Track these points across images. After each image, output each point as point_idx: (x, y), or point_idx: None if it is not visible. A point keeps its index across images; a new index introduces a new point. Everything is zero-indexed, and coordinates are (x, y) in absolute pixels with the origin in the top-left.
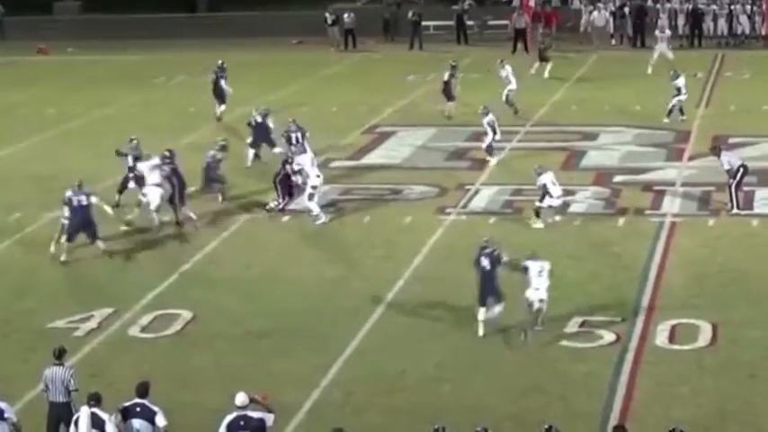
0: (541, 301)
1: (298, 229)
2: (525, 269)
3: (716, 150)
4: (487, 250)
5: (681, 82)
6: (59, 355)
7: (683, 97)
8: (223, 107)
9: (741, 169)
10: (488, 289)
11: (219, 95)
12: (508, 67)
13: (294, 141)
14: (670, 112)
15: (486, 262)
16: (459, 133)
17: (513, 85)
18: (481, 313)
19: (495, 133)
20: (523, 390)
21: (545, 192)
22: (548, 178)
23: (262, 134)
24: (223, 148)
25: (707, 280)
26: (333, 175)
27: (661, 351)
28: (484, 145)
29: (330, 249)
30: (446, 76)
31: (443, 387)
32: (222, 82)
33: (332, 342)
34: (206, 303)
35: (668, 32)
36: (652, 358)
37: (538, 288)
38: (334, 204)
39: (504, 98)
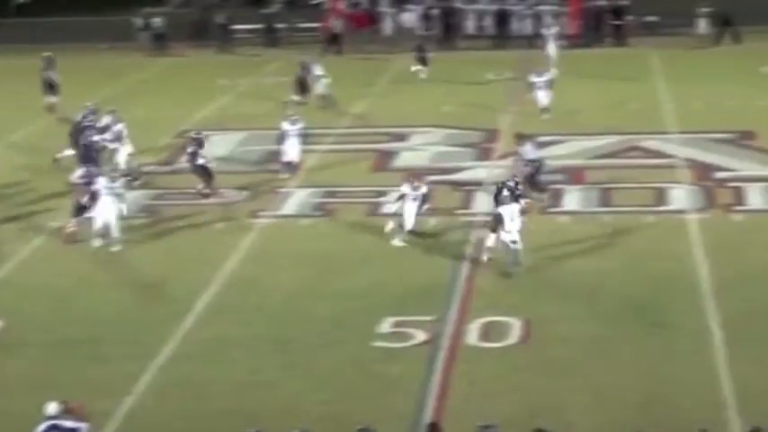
0: (514, 242)
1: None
2: (499, 217)
3: (521, 140)
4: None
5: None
6: None
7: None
8: (54, 98)
9: (538, 164)
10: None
11: (50, 87)
12: (317, 66)
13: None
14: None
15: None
16: (270, 137)
17: (323, 82)
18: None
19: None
20: (337, 391)
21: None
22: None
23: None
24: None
25: (518, 277)
26: (145, 180)
27: (473, 349)
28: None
29: (143, 255)
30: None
31: (257, 391)
32: (51, 74)
33: (144, 349)
34: (16, 311)
35: (556, 29)
36: (464, 357)
37: (509, 231)
38: (147, 209)
39: (321, 96)
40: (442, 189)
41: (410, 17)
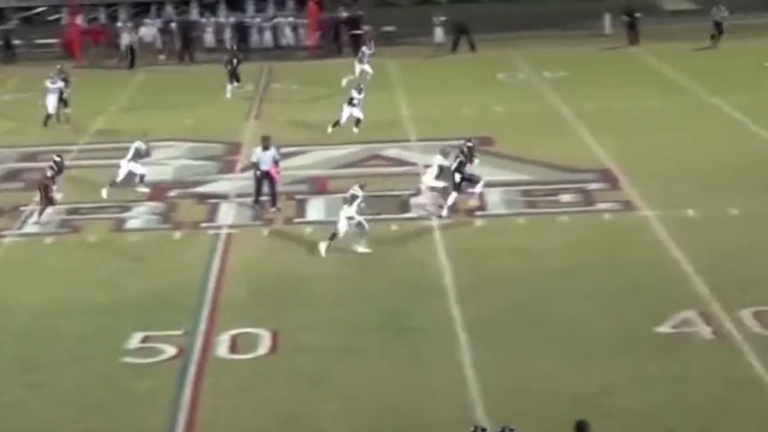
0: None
1: None
2: (353, 197)
3: (265, 141)
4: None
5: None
6: None
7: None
8: None
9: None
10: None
11: None
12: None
13: None
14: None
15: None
16: (11, 155)
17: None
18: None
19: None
20: (86, 408)
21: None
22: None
23: None
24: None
25: (265, 288)
26: None
27: (223, 362)
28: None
29: None
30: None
31: (3, 412)
32: None
33: None
34: None
35: (372, 50)
36: (214, 369)
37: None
38: None
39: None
40: (186, 203)
41: (148, 31)
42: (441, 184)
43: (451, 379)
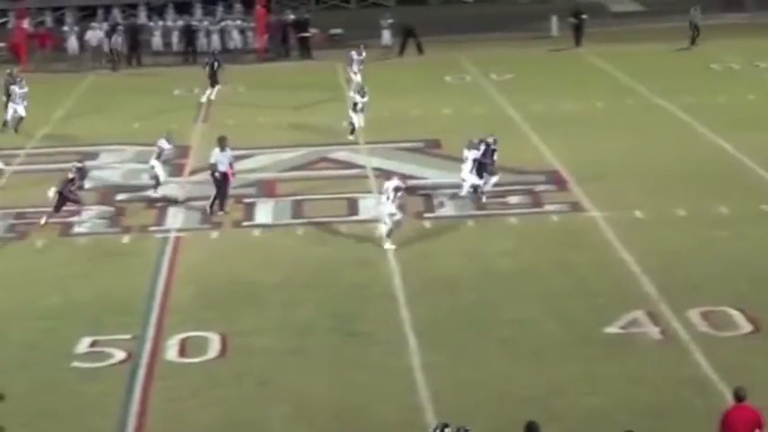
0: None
1: None
2: (397, 189)
3: (221, 142)
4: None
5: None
6: None
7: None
8: None
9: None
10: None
11: None
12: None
13: None
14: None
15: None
16: None
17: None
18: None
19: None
20: (36, 413)
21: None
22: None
23: None
24: (79, 171)
25: (214, 292)
26: None
27: (172, 365)
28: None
29: None
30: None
31: None
32: None
33: None
34: None
35: (363, 55)
36: (163, 373)
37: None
38: None
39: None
40: (135, 206)
41: (95, 35)
42: (477, 179)
43: (401, 381)
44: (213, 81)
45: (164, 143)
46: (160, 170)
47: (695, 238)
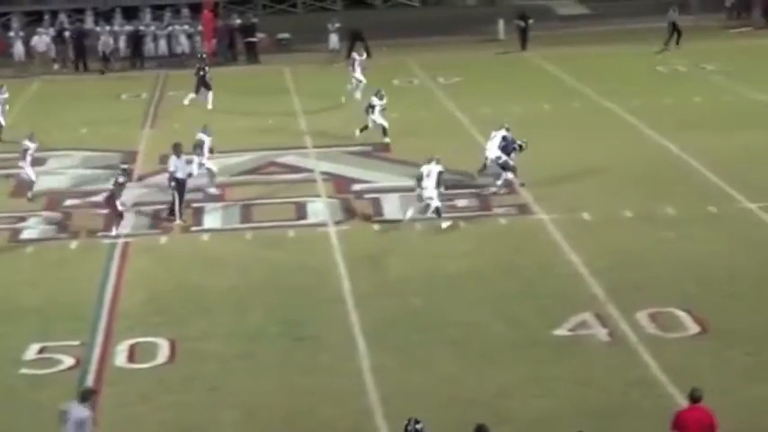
0: (429, 198)
1: None
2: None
3: (176, 149)
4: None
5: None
6: None
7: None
8: None
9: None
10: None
11: None
12: None
13: None
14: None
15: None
16: None
17: None
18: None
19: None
20: None
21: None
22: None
23: None
24: (125, 173)
25: (163, 297)
26: None
27: (121, 371)
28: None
29: None
30: None
31: None
32: None
33: None
34: None
35: (362, 58)
36: (113, 379)
37: (426, 188)
38: None
39: None
40: (82, 212)
41: (41, 40)
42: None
43: (350, 385)
44: (206, 86)
45: (203, 137)
46: (211, 166)
47: (642, 240)
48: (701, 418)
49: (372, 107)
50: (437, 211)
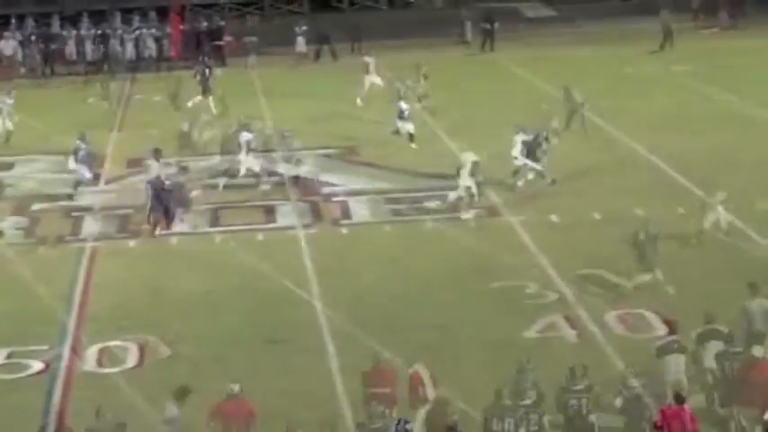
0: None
1: None
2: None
3: (156, 154)
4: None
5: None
6: None
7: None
8: None
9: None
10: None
11: None
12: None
13: None
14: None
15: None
16: None
17: None
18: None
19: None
20: None
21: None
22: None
23: None
24: (183, 170)
25: (132, 301)
26: None
27: (91, 375)
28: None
29: None
30: None
31: None
32: None
33: None
34: None
35: (373, 59)
36: (82, 383)
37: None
38: None
39: None
40: (51, 216)
41: (8, 44)
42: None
43: (319, 389)
44: (206, 89)
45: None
46: (250, 163)
47: (611, 241)
48: (683, 419)
49: (402, 112)
50: (472, 197)
